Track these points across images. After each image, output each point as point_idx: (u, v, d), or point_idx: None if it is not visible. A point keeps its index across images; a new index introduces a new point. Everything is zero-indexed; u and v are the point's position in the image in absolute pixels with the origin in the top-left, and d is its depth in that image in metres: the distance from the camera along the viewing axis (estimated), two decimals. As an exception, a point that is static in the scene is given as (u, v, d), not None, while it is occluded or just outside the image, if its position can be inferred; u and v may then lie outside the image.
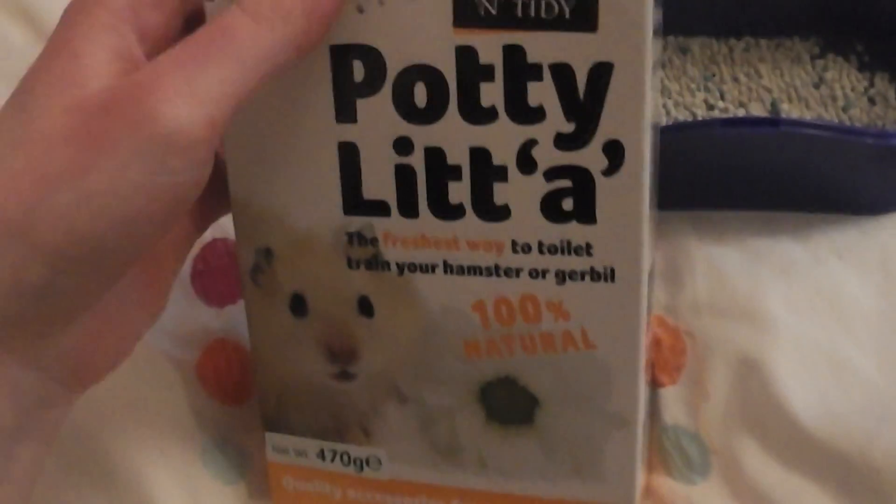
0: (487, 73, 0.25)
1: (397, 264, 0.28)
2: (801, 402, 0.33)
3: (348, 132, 0.26)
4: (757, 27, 0.41)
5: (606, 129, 0.25)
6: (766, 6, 0.40)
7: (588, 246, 0.27)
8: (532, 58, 0.25)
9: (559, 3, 0.24)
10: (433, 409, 0.30)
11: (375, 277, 0.28)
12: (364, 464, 0.31)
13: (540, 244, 0.27)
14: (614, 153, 0.25)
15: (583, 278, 0.27)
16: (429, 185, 0.27)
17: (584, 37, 0.24)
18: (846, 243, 0.36)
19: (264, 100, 0.26)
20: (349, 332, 0.29)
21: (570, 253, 0.27)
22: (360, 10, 0.25)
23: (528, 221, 0.27)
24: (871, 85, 0.39)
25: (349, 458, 0.31)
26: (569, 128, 0.25)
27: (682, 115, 0.39)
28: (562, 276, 0.27)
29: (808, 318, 0.34)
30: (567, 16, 0.24)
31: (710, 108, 0.39)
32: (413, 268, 0.28)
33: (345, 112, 0.26)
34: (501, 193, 0.26)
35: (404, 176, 0.27)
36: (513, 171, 0.26)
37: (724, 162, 0.36)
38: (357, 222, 0.28)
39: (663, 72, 0.40)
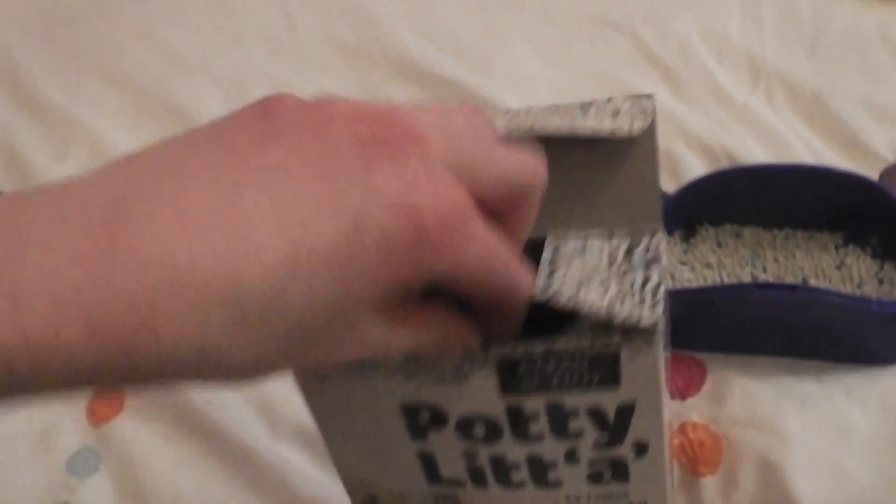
0: (534, 417, 0.29)
1: None
2: (808, 497, 0.43)
3: (422, 445, 0.31)
4: (794, 222, 0.54)
5: (634, 435, 0.29)
6: (801, 207, 0.53)
7: (625, 492, 0.32)
8: (568, 406, 0.29)
9: (589, 375, 0.28)
10: None
11: None
12: None
13: (588, 495, 0.32)
14: (641, 448, 0.30)
15: None
16: (494, 473, 0.31)
17: (610, 391, 0.28)
18: (854, 385, 0.47)
19: (355, 421, 0.31)
20: None
21: (612, 499, 0.32)
22: (419, 389, 0.29)
23: (577, 484, 0.32)
24: (882, 269, 0.51)
25: None
26: (603, 437, 0.30)
27: (733, 283, 0.52)
28: None
29: (819, 437, 0.45)
30: (595, 382, 0.28)
31: (755, 280, 0.52)
32: None
33: (417, 435, 0.31)
34: (553, 474, 0.31)
35: (473, 469, 0.32)
36: (561, 463, 0.31)
37: (759, 317, 0.48)
38: (439, 489, 0.33)
39: (712, 271, 0.53)
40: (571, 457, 0.30)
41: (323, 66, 0.73)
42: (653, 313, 0.26)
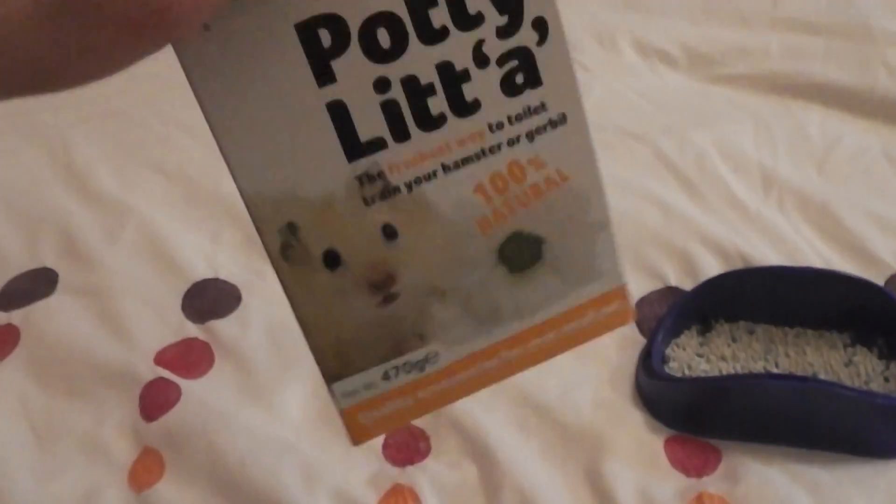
0: (433, 1, 0.29)
1: (405, 184, 0.31)
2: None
3: (332, 92, 0.29)
4: (805, 321, 0.57)
5: (530, 12, 0.30)
6: (812, 307, 0.57)
7: (542, 104, 0.32)
8: None
9: None
10: (469, 289, 0.34)
11: (390, 204, 0.32)
12: (425, 363, 0.35)
13: (509, 118, 0.32)
14: (541, 27, 0.31)
15: (546, 130, 0.32)
16: (412, 109, 0.30)
17: None
18: (862, 476, 0.49)
19: (251, 94, 0.29)
20: (382, 261, 0.32)
21: (531, 114, 0.32)
22: None
23: (495, 104, 0.31)
24: (887, 368, 0.54)
25: (411, 364, 0.35)
26: (503, 20, 0.30)
27: (746, 375, 0.55)
28: (531, 135, 0.32)
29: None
30: None
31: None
32: (419, 181, 0.31)
33: (324, 76, 0.29)
34: (469, 91, 0.31)
35: (390, 109, 0.30)
36: (473, 69, 0.30)
37: (771, 407, 0.51)
38: (362, 164, 0.31)
39: (727, 363, 0.56)
40: (480, 57, 0.30)
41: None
42: None
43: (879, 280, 0.61)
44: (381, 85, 0.30)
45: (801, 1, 0.95)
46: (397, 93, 0.30)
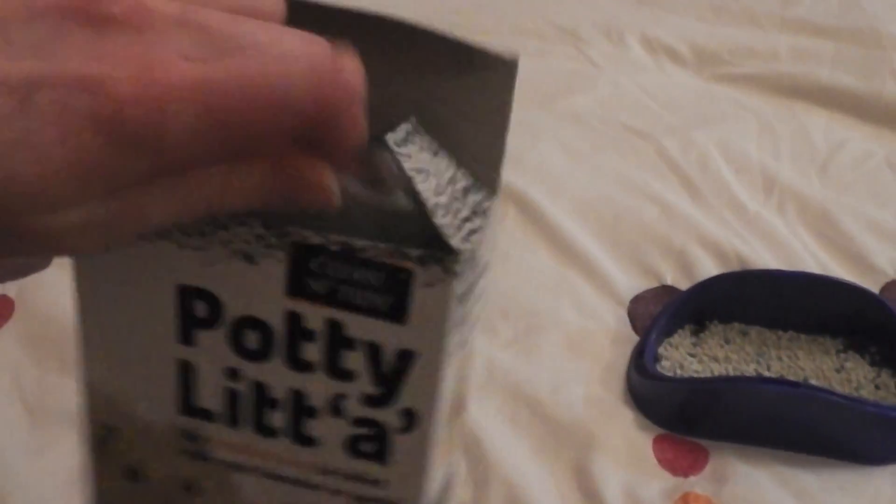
0: (310, 335, 0.27)
1: (222, 461, 0.30)
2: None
3: (186, 352, 0.28)
4: (799, 326, 0.57)
5: (406, 399, 0.28)
6: (806, 312, 0.57)
7: (385, 481, 0.29)
8: (348, 332, 0.27)
9: (378, 296, 0.26)
10: None
11: (202, 466, 0.30)
12: None
13: (338, 470, 0.29)
14: (409, 418, 0.28)
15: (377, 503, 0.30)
16: (252, 408, 0.29)
17: (395, 327, 0.26)
18: (849, 482, 0.50)
19: (119, 303, 0.28)
20: None
21: (366, 483, 0.30)
22: (204, 265, 0.27)
23: (332, 453, 0.29)
24: (879, 376, 0.54)
25: None
26: (374, 391, 0.28)
27: (738, 377, 0.55)
28: (357, 499, 0.30)
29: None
30: (382, 308, 0.26)
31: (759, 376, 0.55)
32: (235, 467, 0.30)
33: (185, 337, 0.28)
34: (311, 427, 0.29)
35: (230, 396, 0.29)
36: (322, 413, 0.28)
37: (762, 410, 0.51)
38: (189, 422, 0.29)
39: (719, 364, 0.56)
40: (337, 406, 0.28)
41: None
42: (463, 244, 0.25)
43: (875, 288, 0.61)
44: (232, 374, 0.28)
45: (812, 3, 0.95)
46: (243, 387, 0.29)
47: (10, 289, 0.65)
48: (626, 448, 0.51)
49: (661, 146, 0.76)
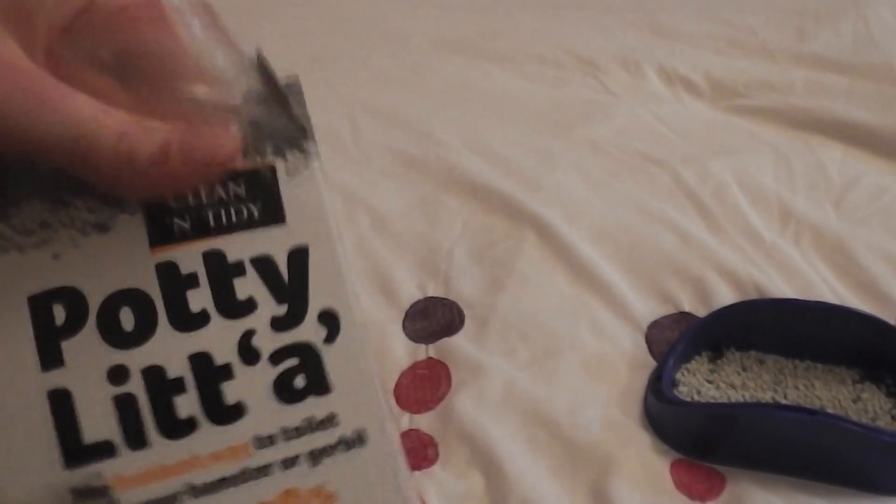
0: (192, 280, 0.25)
1: None
2: None
3: (57, 378, 0.24)
4: (816, 355, 0.58)
5: (317, 301, 0.25)
6: (823, 342, 0.57)
7: (332, 416, 0.26)
8: (232, 257, 0.25)
9: (247, 206, 0.25)
10: None
11: None
12: None
13: (284, 430, 0.25)
14: (330, 322, 0.26)
15: (335, 451, 0.26)
16: (153, 408, 0.24)
17: (276, 229, 0.25)
18: (864, 511, 0.50)
19: None
20: None
21: (315, 429, 0.26)
22: (56, 257, 0.24)
23: (265, 412, 0.25)
24: (895, 406, 0.54)
25: None
26: (281, 310, 0.25)
27: (755, 404, 0.55)
28: (314, 457, 0.26)
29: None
30: (257, 216, 0.25)
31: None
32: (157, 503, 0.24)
33: (50, 358, 0.24)
34: (231, 391, 0.25)
35: (125, 405, 0.24)
36: (237, 365, 0.25)
37: (778, 438, 0.51)
38: (81, 474, 0.24)
39: (736, 391, 0.56)
40: (248, 350, 0.25)
41: (383, 171, 0.79)
42: (306, 128, 0.25)
43: (891, 319, 0.61)
44: (117, 374, 0.24)
45: (827, 39, 0.96)
46: (135, 386, 0.24)
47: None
48: (643, 472, 0.52)
49: (678, 175, 0.77)
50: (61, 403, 0.24)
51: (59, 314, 0.24)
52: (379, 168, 0.80)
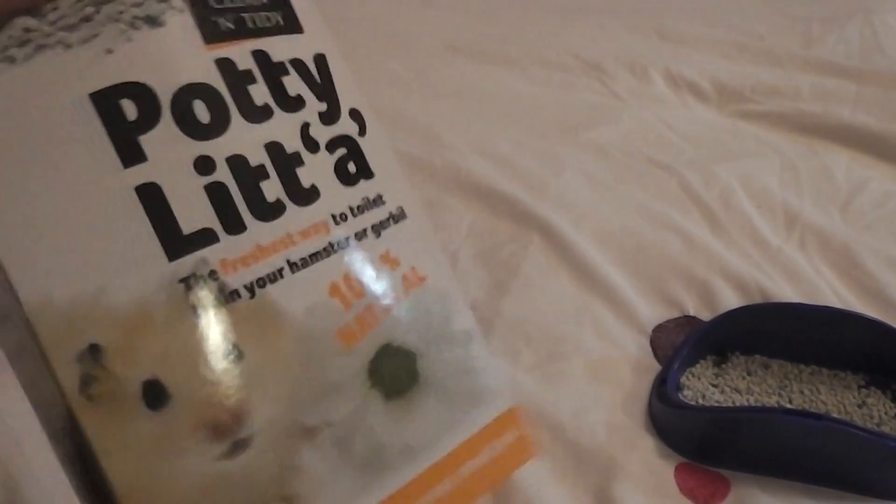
0: (249, 76, 0.26)
1: (245, 287, 0.25)
2: None
3: (142, 173, 0.24)
4: (821, 360, 0.57)
5: (345, 101, 0.29)
6: (828, 346, 0.57)
7: (379, 196, 0.30)
8: (275, 57, 0.28)
9: (271, 16, 0.27)
10: (343, 424, 0.26)
11: (229, 314, 0.24)
12: None
13: (351, 209, 0.29)
14: (358, 118, 0.30)
15: (389, 223, 0.30)
16: (244, 193, 0.26)
17: (299, 37, 0.28)
18: (869, 517, 0.50)
19: (33, 180, 0.22)
20: (227, 392, 0.24)
21: (372, 206, 0.29)
22: (109, 52, 0.23)
23: (333, 193, 0.28)
24: (900, 412, 0.54)
25: None
26: (323, 107, 0.29)
27: (759, 409, 0.55)
28: (376, 229, 0.29)
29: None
30: (281, 23, 0.28)
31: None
32: (262, 283, 0.25)
33: (130, 154, 0.24)
34: (305, 176, 0.28)
35: (218, 193, 0.25)
36: (304, 153, 0.28)
37: (783, 442, 0.51)
38: (187, 263, 0.24)
39: (740, 395, 0.56)
40: (309, 140, 0.27)
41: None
42: None
43: (897, 325, 0.61)
44: (204, 165, 0.25)
45: (834, 44, 0.96)
46: (223, 174, 0.25)
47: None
48: (647, 475, 0.51)
49: (684, 179, 0.77)
50: (152, 198, 0.24)
51: (130, 109, 0.24)
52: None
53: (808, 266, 0.67)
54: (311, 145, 0.28)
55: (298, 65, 0.28)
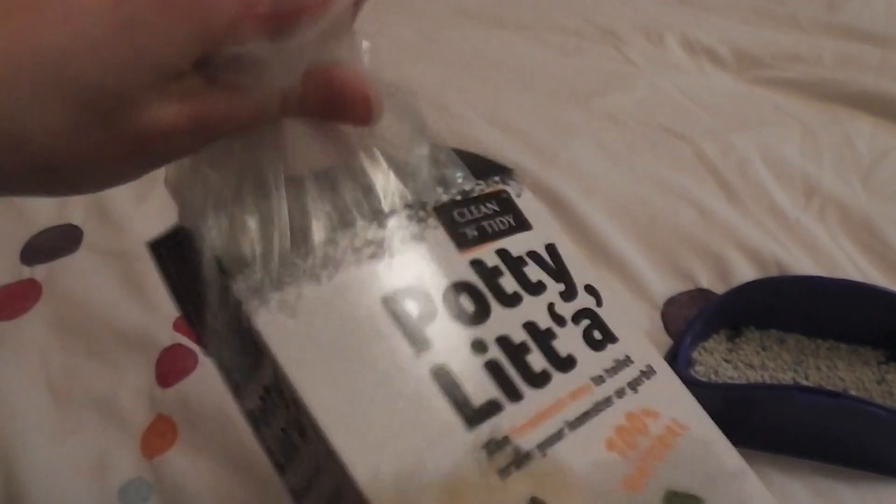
0: (498, 272, 0.32)
1: (537, 447, 0.28)
2: None
3: (432, 357, 0.28)
4: (839, 335, 0.55)
5: (579, 279, 0.34)
6: (847, 321, 0.55)
7: (627, 357, 0.33)
8: (514, 253, 0.33)
9: (504, 219, 0.33)
10: None
11: (529, 474, 0.28)
12: None
13: (605, 370, 0.32)
14: (593, 292, 0.34)
15: (642, 381, 0.33)
16: (515, 367, 0.30)
17: (529, 233, 0.34)
18: (887, 496, 0.48)
19: (348, 374, 0.27)
20: None
21: (622, 367, 0.33)
22: (388, 265, 0.29)
23: (588, 359, 0.32)
24: (921, 390, 0.52)
25: None
26: (561, 287, 0.33)
27: (774, 385, 0.53)
28: (633, 385, 0.33)
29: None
30: (513, 224, 0.34)
31: (797, 385, 0.53)
32: (549, 442, 0.29)
33: (419, 343, 0.28)
34: (561, 346, 0.32)
35: (495, 369, 0.29)
36: (555, 328, 0.32)
37: (798, 420, 0.49)
38: (484, 430, 0.28)
39: (755, 371, 0.54)
40: (556, 316, 0.32)
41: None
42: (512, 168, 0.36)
43: (919, 298, 0.59)
44: (478, 346, 0.29)
45: (859, 9, 0.93)
46: (495, 353, 0.30)
47: (38, 272, 0.64)
48: (656, 453, 0.50)
49: (700, 149, 0.74)
50: (444, 377, 0.28)
51: (412, 307, 0.29)
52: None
53: (828, 238, 0.64)
54: (559, 320, 0.32)
55: (534, 255, 0.33)
